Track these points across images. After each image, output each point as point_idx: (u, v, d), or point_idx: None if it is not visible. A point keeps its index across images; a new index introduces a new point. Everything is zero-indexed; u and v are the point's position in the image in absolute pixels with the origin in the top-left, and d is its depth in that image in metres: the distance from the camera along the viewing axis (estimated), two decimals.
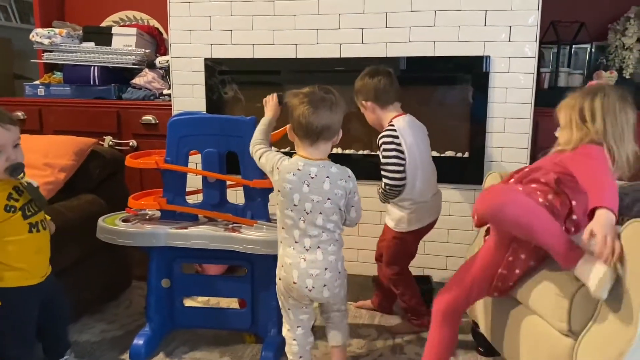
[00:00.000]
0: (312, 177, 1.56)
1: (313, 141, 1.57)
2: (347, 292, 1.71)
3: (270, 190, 1.92)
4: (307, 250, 1.57)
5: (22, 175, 1.56)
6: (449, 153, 2.63)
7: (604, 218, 1.23)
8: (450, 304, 1.60)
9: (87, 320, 2.18)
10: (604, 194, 1.29)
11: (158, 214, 1.98)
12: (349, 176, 1.60)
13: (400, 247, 2.09)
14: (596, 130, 1.48)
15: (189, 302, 2.20)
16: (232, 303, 2.24)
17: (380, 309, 2.31)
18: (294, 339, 1.68)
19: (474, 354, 1.97)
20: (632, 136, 1.50)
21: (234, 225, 1.88)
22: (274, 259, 1.84)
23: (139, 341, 1.92)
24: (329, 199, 1.56)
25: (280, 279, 1.63)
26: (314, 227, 1.57)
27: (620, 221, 1.68)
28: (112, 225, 1.88)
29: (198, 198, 1.98)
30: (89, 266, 2.13)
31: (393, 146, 1.95)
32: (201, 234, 1.82)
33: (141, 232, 1.85)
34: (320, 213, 1.56)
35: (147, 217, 1.99)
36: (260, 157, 1.68)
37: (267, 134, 1.75)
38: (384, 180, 1.97)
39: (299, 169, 1.57)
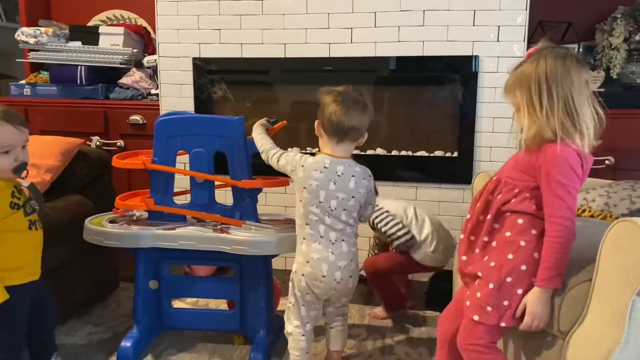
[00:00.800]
0: (338, 175, 1.60)
1: (340, 140, 1.61)
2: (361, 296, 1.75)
3: (259, 190, 1.92)
4: (333, 243, 1.62)
5: (26, 174, 1.59)
6: (438, 153, 2.63)
7: (535, 299, 1.28)
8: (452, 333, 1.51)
9: (74, 323, 2.16)
10: (545, 268, 1.27)
11: (145, 214, 1.96)
12: (369, 175, 1.67)
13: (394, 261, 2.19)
14: (548, 117, 1.28)
15: (177, 304, 2.19)
16: (220, 304, 2.23)
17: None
18: (303, 335, 1.71)
19: None
20: (585, 99, 1.31)
21: (223, 226, 1.87)
22: (262, 259, 1.84)
23: (126, 343, 1.90)
24: (353, 197, 1.62)
25: (303, 275, 1.65)
26: (338, 222, 1.62)
27: (612, 220, 1.70)
28: (99, 227, 1.87)
29: (186, 199, 1.96)
30: (76, 268, 2.10)
31: None
32: (189, 235, 1.81)
33: (128, 233, 1.83)
34: (344, 210, 1.61)
35: (135, 218, 1.97)
36: (278, 160, 1.70)
37: (269, 138, 1.78)
38: None
39: (325, 167, 1.61)
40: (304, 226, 1.65)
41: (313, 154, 1.69)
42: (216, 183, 1.91)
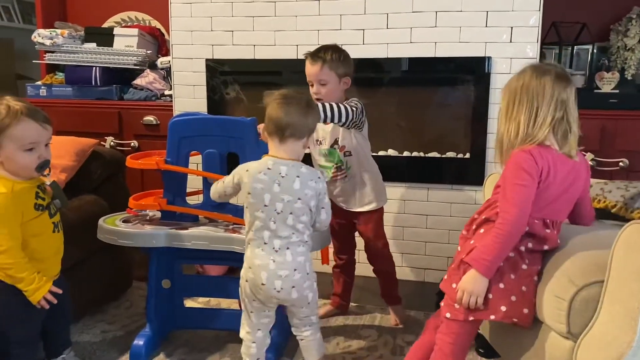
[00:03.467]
0: (282, 176, 1.57)
1: (282, 138, 1.59)
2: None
3: None
4: (276, 251, 1.57)
5: (48, 172, 1.61)
6: (449, 154, 2.63)
7: (465, 277, 1.40)
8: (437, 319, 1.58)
9: (87, 321, 2.18)
10: (479, 250, 1.39)
11: (158, 214, 1.98)
12: (319, 177, 1.62)
13: (381, 222, 2.19)
14: (514, 121, 1.43)
15: (189, 303, 2.21)
16: (232, 304, 2.24)
17: (341, 309, 2.31)
18: (254, 342, 1.68)
19: (474, 354, 1.96)
20: (550, 108, 1.40)
21: (234, 226, 1.88)
22: None
23: (139, 342, 1.92)
24: (299, 198, 1.57)
25: (247, 281, 1.61)
26: (284, 228, 1.57)
27: (626, 212, 1.69)
28: (113, 226, 1.89)
29: (198, 199, 1.98)
30: (89, 266, 2.13)
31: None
32: (201, 235, 1.82)
33: (142, 232, 1.85)
34: (291, 213, 1.57)
35: (148, 217, 1.99)
36: (223, 181, 1.70)
37: None
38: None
39: (269, 168, 1.58)
40: (249, 231, 1.62)
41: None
42: None
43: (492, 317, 1.41)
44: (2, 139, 1.52)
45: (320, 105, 1.85)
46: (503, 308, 1.40)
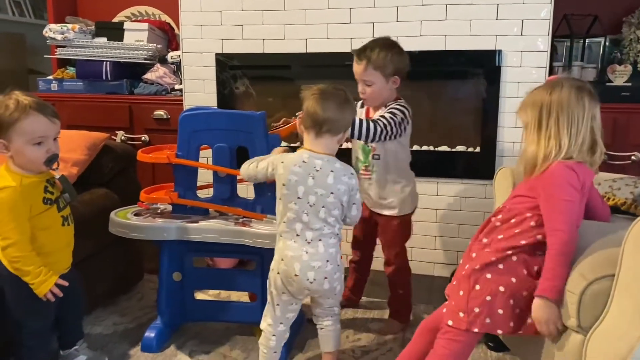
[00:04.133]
0: (317, 170, 1.58)
1: (318, 133, 1.60)
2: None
3: None
4: (308, 243, 1.59)
5: (56, 166, 1.62)
6: (460, 148, 2.62)
7: (535, 306, 1.34)
8: (430, 321, 1.59)
9: (99, 313, 2.21)
10: (544, 278, 1.34)
11: (169, 208, 1.99)
12: (352, 173, 1.63)
13: (406, 229, 2.09)
14: (553, 138, 1.42)
15: (200, 296, 2.23)
16: (242, 296, 2.26)
17: (349, 303, 2.29)
18: (274, 335, 1.69)
19: (484, 348, 1.97)
20: (587, 127, 1.43)
21: (244, 219, 1.89)
22: None
23: (150, 334, 1.95)
24: (332, 193, 1.58)
25: (278, 273, 1.63)
26: (316, 220, 1.59)
27: (636, 209, 1.68)
28: (124, 219, 1.90)
29: (209, 192, 1.99)
30: (101, 259, 2.15)
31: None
32: (212, 228, 1.84)
33: (153, 226, 1.87)
34: (323, 206, 1.58)
35: (159, 211, 2.00)
36: (257, 166, 1.71)
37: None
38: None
39: (304, 161, 1.60)
40: (281, 223, 1.63)
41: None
42: (238, 177, 1.94)
43: (500, 331, 1.42)
44: (11, 133, 1.52)
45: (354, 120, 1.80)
46: (511, 323, 1.40)
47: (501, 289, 1.39)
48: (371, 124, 1.83)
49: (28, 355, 1.66)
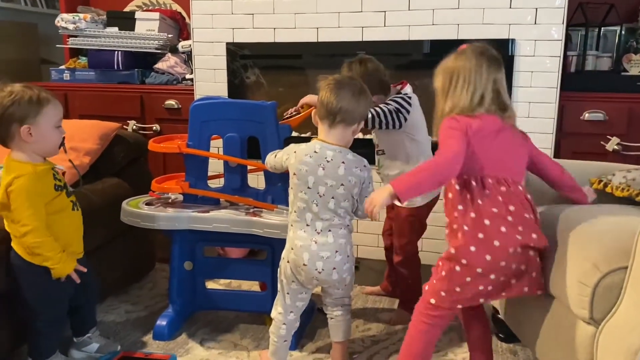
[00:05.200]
0: (327, 161, 1.58)
1: (331, 123, 1.59)
2: (362, 277, 1.70)
3: None
4: (318, 233, 1.59)
5: (64, 149, 1.68)
6: None
7: (380, 190, 1.44)
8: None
9: (111, 301, 2.23)
10: (406, 174, 1.48)
11: (181, 197, 2.00)
12: (364, 165, 1.62)
13: (416, 223, 2.06)
14: (454, 98, 1.51)
15: (210, 285, 2.24)
16: (253, 286, 2.27)
17: (390, 294, 2.30)
18: (284, 323, 1.70)
19: (494, 339, 1.96)
20: (486, 88, 1.49)
21: (255, 209, 1.90)
22: None
23: (162, 322, 1.96)
24: (342, 184, 1.57)
25: (288, 262, 1.64)
26: (325, 211, 1.58)
27: None
28: (136, 209, 1.91)
29: (220, 182, 2.00)
30: (113, 248, 2.17)
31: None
32: (223, 218, 1.84)
33: (164, 215, 1.87)
34: (333, 197, 1.58)
35: (170, 200, 2.01)
36: (275, 156, 1.73)
37: None
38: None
39: (315, 152, 1.59)
40: (292, 212, 1.64)
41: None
42: (249, 167, 1.94)
43: (482, 300, 1.48)
44: (39, 118, 1.56)
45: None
46: (482, 300, 1.47)
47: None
48: (373, 111, 1.84)
49: (43, 342, 1.68)
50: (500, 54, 1.57)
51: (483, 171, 1.46)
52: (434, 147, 2.37)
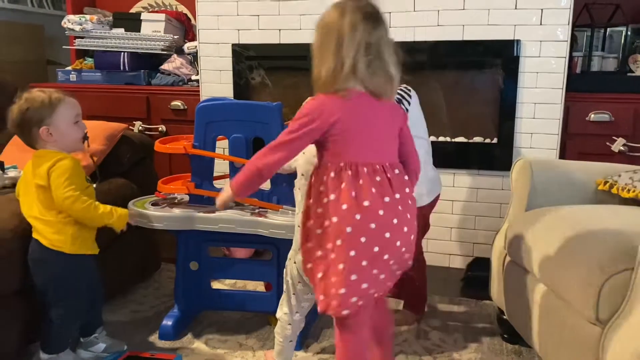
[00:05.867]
0: None
1: None
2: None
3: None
4: None
5: (87, 143, 1.75)
6: (477, 139, 2.60)
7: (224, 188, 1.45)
8: None
9: (117, 301, 2.24)
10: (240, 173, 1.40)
11: (186, 198, 2.01)
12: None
13: (421, 221, 2.04)
14: (323, 63, 1.32)
15: (216, 285, 2.25)
16: (258, 286, 2.27)
17: (394, 295, 2.21)
18: (290, 324, 1.69)
19: (499, 340, 1.96)
20: (358, 52, 1.28)
21: (260, 210, 1.90)
22: None
23: (168, 322, 1.97)
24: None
25: (295, 262, 1.63)
26: None
27: None
28: (142, 209, 1.92)
29: (225, 183, 2.00)
30: (119, 249, 2.17)
31: None
32: (228, 218, 1.85)
33: (170, 215, 1.88)
34: None
35: (176, 201, 2.02)
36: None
37: None
38: None
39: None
40: (298, 214, 1.60)
41: None
42: None
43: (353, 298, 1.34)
44: (54, 118, 1.63)
45: None
46: (342, 290, 1.31)
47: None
48: None
49: (56, 336, 1.68)
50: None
51: (357, 158, 1.31)
52: (434, 147, 2.39)
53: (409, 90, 1.96)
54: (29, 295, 1.69)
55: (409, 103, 1.94)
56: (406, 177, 1.38)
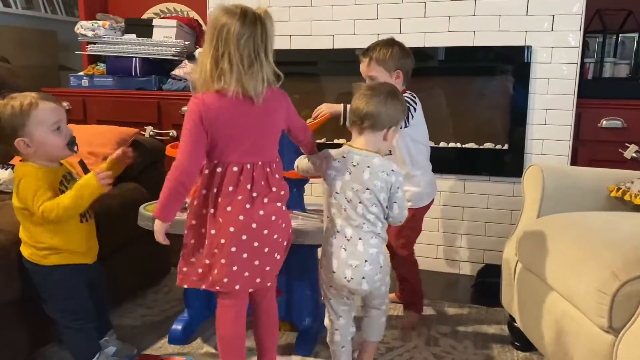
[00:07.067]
0: (353, 165, 1.56)
1: (360, 128, 1.58)
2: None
3: (306, 181, 1.94)
4: (348, 240, 1.56)
5: (76, 148, 1.63)
6: (487, 145, 2.59)
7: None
8: None
9: (127, 305, 2.25)
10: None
11: None
12: (392, 170, 1.56)
13: (413, 224, 2.04)
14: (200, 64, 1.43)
15: None
16: None
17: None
18: (336, 329, 1.69)
19: (510, 347, 1.95)
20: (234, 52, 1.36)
21: None
22: (308, 248, 1.86)
23: (177, 326, 1.97)
24: (367, 189, 1.54)
25: (321, 268, 1.64)
26: (355, 217, 1.55)
27: None
28: (153, 213, 1.92)
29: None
30: (130, 253, 2.18)
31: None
32: None
33: (181, 220, 1.87)
34: (360, 202, 1.55)
35: (186, 205, 2.02)
36: (304, 160, 1.72)
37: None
38: None
39: (343, 157, 1.59)
40: (325, 218, 1.64)
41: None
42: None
43: (203, 286, 1.54)
44: (29, 127, 1.51)
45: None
46: (225, 279, 1.50)
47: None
48: None
49: (78, 341, 1.69)
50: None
51: (228, 157, 1.43)
52: (444, 153, 2.39)
53: (414, 97, 1.98)
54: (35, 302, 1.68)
55: (415, 110, 1.95)
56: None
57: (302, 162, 1.74)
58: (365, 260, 1.55)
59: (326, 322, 1.72)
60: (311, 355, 1.89)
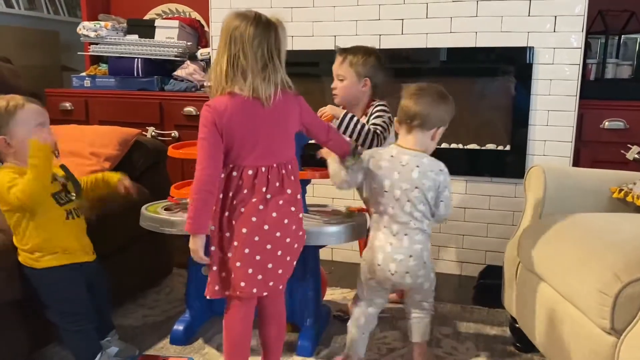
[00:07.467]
0: (402, 165, 1.60)
1: (409, 128, 1.62)
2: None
3: (308, 181, 1.94)
4: (394, 235, 1.61)
5: (57, 153, 1.64)
6: (489, 146, 2.59)
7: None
8: None
9: (129, 306, 2.25)
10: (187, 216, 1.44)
11: None
12: (440, 169, 1.62)
13: None
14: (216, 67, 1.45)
15: None
16: None
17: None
18: (364, 315, 1.73)
19: (512, 348, 1.94)
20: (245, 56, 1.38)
21: None
22: (310, 249, 1.86)
23: (179, 327, 1.97)
24: (416, 187, 1.59)
25: (364, 260, 1.68)
26: (402, 214, 1.60)
27: None
28: (155, 214, 1.93)
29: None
30: (132, 253, 2.19)
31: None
32: None
33: (183, 220, 1.88)
34: (409, 201, 1.59)
35: (186, 205, 2.02)
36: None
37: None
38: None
39: (392, 156, 1.62)
40: (372, 215, 1.68)
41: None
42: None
43: (227, 292, 1.50)
44: (12, 126, 1.55)
45: (349, 116, 1.86)
46: (242, 284, 1.45)
47: None
48: (365, 129, 1.86)
49: (79, 342, 1.69)
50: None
51: (243, 161, 1.43)
52: (446, 153, 2.38)
53: (387, 106, 1.98)
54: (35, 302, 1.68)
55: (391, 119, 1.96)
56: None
57: (337, 174, 1.67)
58: (410, 256, 1.60)
59: (355, 311, 1.74)
60: (312, 356, 1.89)
